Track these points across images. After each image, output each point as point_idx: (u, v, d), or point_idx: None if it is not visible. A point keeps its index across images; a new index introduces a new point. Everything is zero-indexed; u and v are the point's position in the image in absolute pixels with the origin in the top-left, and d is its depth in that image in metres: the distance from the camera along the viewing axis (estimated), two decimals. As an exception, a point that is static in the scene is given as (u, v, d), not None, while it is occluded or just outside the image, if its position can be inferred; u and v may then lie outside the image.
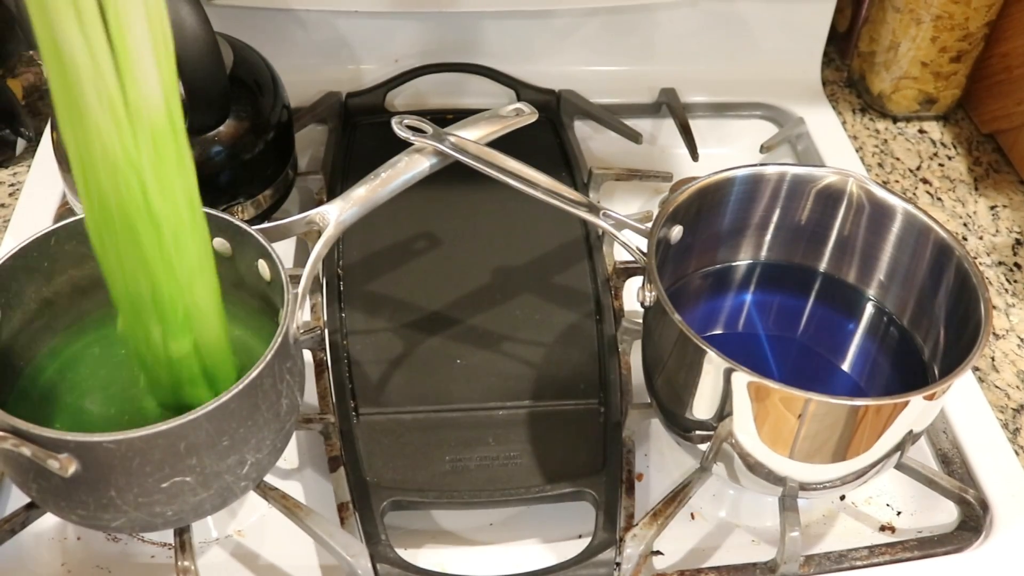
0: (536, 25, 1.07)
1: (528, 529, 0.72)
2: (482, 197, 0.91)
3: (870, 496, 0.76)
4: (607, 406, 0.76)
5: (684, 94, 1.07)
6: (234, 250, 0.68)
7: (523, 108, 0.77)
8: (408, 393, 0.76)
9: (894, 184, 1.03)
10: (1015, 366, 0.85)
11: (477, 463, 0.72)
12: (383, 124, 0.74)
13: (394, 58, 1.07)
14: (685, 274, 0.78)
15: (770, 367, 0.73)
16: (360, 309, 0.82)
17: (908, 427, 0.63)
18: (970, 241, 0.97)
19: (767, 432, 0.62)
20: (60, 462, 0.55)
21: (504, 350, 0.80)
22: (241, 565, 0.70)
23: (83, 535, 0.70)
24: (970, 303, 0.66)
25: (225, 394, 0.57)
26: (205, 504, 0.61)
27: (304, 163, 1.01)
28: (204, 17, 0.74)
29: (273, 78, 0.88)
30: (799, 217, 0.76)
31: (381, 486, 0.70)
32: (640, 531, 0.67)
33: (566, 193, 0.71)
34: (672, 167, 1.02)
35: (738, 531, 0.73)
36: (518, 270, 0.87)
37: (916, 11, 1.03)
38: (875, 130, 1.10)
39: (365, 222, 0.70)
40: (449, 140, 0.71)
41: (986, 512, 0.72)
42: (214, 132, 0.81)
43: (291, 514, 0.68)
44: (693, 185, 0.72)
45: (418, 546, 0.71)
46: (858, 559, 0.69)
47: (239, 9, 0.99)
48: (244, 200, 0.85)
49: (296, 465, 0.76)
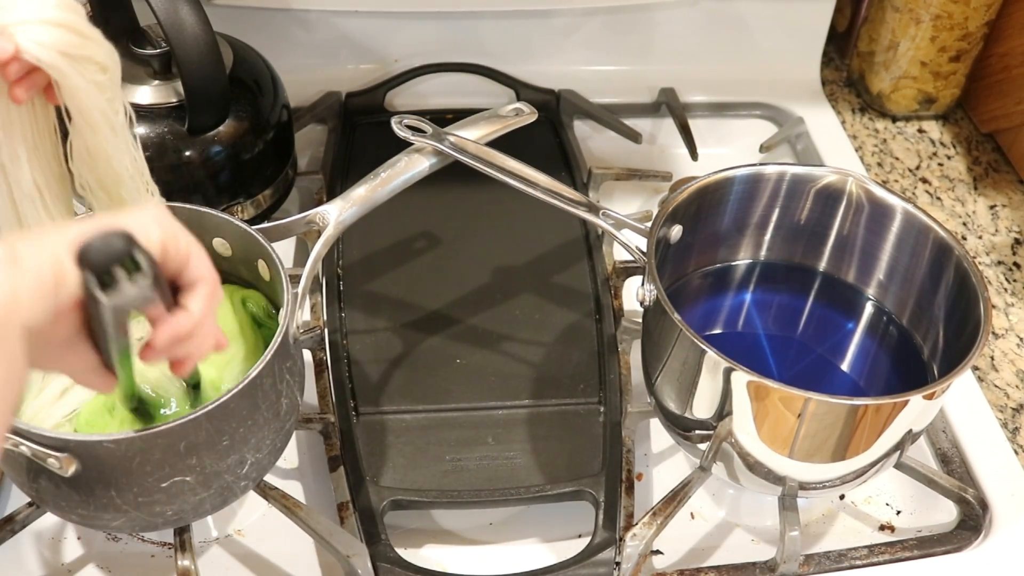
0: (536, 25, 1.07)
1: (528, 529, 0.72)
2: (482, 197, 0.91)
3: (870, 495, 0.76)
4: (607, 406, 0.76)
5: (684, 94, 1.07)
6: (234, 250, 0.69)
7: (523, 108, 0.77)
8: (408, 393, 0.76)
9: (893, 184, 1.03)
10: (1014, 365, 0.85)
11: (477, 463, 0.72)
12: (383, 124, 0.74)
13: (394, 58, 1.07)
14: (685, 274, 0.78)
15: (770, 366, 0.73)
16: (360, 309, 0.82)
17: (908, 426, 0.63)
18: (969, 240, 0.97)
19: (767, 431, 0.62)
20: (60, 462, 0.55)
21: (504, 350, 0.80)
22: (241, 565, 0.70)
23: (83, 535, 0.70)
24: (969, 302, 0.66)
25: (225, 394, 0.57)
26: (205, 504, 0.61)
27: (304, 163, 1.01)
28: (204, 17, 0.74)
29: (273, 78, 0.88)
30: (799, 217, 0.76)
31: (381, 486, 0.70)
32: (640, 531, 0.67)
33: (566, 193, 0.71)
34: (672, 167, 1.02)
35: (738, 531, 0.73)
36: (518, 270, 0.87)
37: (915, 11, 1.03)
38: (874, 130, 1.10)
39: (365, 222, 0.70)
40: (449, 140, 0.71)
41: (985, 511, 0.72)
42: (214, 132, 0.81)
43: (291, 514, 0.68)
44: (693, 185, 0.72)
45: (418, 546, 0.71)
46: (858, 558, 0.69)
47: (239, 9, 0.99)
48: (244, 200, 0.85)
49: (296, 465, 0.76)
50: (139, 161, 0.63)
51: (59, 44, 0.55)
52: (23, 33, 0.53)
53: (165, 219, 0.49)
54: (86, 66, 0.57)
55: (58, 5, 0.55)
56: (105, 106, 0.59)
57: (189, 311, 0.50)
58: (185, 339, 0.50)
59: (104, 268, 0.44)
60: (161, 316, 0.49)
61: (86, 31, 0.57)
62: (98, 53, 0.57)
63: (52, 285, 0.43)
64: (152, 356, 0.51)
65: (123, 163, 0.61)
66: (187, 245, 0.50)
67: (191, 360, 0.54)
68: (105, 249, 0.44)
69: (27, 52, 0.53)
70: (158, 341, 0.50)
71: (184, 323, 0.50)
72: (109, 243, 0.44)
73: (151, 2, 0.72)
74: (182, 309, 0.50)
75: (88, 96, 0.57)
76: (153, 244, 0.48)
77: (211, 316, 0.52)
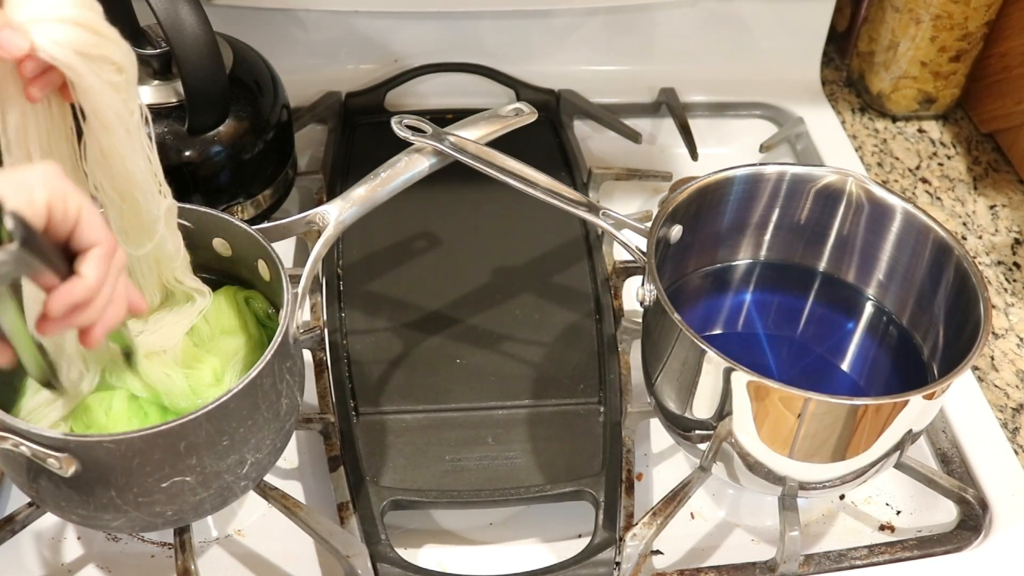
0: (536, 25, 1.07)
1: (528, 529, 0.72)
2: (482, 197, 0.91)
3: (869, 495, 0.76)
4: (607, 406, 0.76)
5: (684, 94, 1.07)
6: (234, 250, 0.69)
7: (523, 108, 0.77)
8: (408, 393, 0.76)
9: (893, 183, 1.03)
10: (1014, 365, 0.85)
11: (477, 463, 0.72)
12: (383, 124, 0.74)
13: (394, 58, 1.07)
14: (684, 274, 0.78)
15: (769, 366, 0.73)
16: (360, 309, 0.82)
17: (907, 426, 0.63)
18: (969, 240, 0.97)
19: (767, 431, 0.62)
20: (60, 462, 0.55)
21: (504, 350, 0.80)
22: (241, 565, 0.70)
23: (83, 535, 0.70)
24: (969, 302, 0.66)
25: (225, 394, 0.57)
26: (205, 504, 0.61)
27: (304, 163, 1.01)
28: (204, 17, 0.74)
29: (273, 78, 0.88)
30: (798, 217, 0.76)
31: (381, 486, 0.70)
32: (640, 530, 0.67)
33: (566, 193, 0.71)
34: (672, 167, 1.02)
35: (738, 531, 0.73)
36: (518, 270, 0.87)
37: (915, 11, 1.03)
38: (874, 129, 1.10)
39: (365, 222, 0.70)
40: (449, 140, 0.71)
41: (985, 511, 0.72)
42: (214, 132, 0.81)
43: (291, 514, 0.68)
44: (693, 185, 0.72)
45: (418, 546, 0.71)
46: (858, 558, 0.69)
47: (239, 9, 0.99)
48: (244, 200, 0.86)
49: (296, 465, 0.76)
50: (154, 162, 0.62)
51: (75, 43, 0.53)
52: (39, 30, 0.52)
53: (54, 179, 0.47)
54: (102, 66, 0.56)
55: (75, 3, 0.54)
56: (120, 107, 0.58)
57: (83, 276, 0.48)
58: (82, 306, 0.48)
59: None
60: (53, 283, 0.47)
61: (103, 30, 0.56)
62: (114, 53, 0.56)
63: None
64: (49, 327, 0.49)
65: (137, 164, 0.60)
66: (77, 207, 0.48)
67: (98, 329, 0.51)
68: None
69: (42, 50, 0.52)
70: (51, 310, 0.48)
71: (77, 289, 0.48)
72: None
73: (151, 2, 0.72)
74: (75, 275, 0.48)
75: (102, 96, 0.56)
76: (36, 206, 0.45)
77: (113, 280, 0.50)
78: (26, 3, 0.53)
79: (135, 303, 0.54)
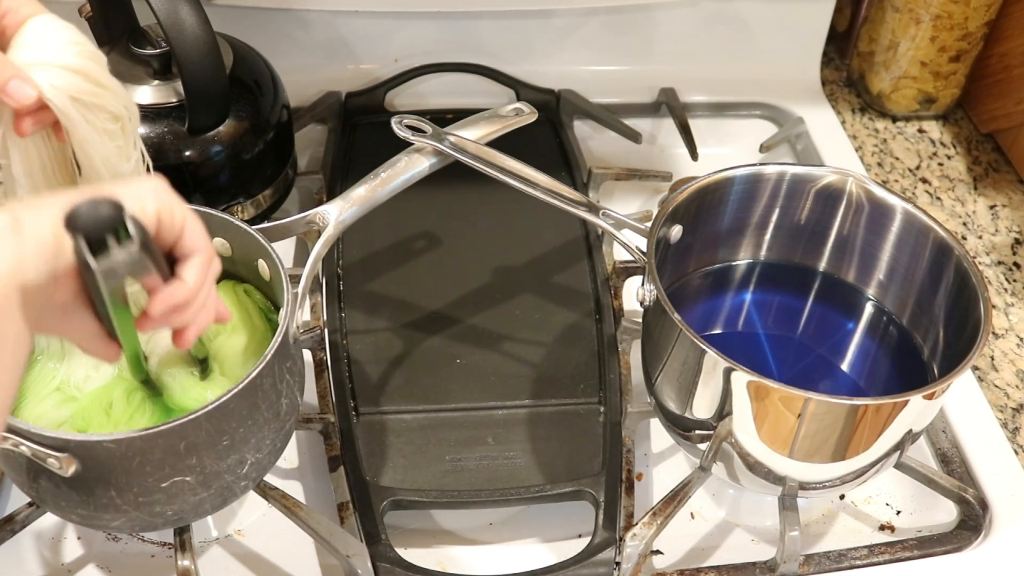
0: (536, 25, 1.07)
1: (528, 529, 0.72)
2: (482, 197, 0.91)
3: (870, 495, 0.76)
4: (607, 406, 0.76)
5: (684, 94, 1.07)
6: (234, 250, 0.69)
7: (523, 108, 0.77)
8: (408, 393, 0.76)
9: (893, 184, 1.03)
10: (1014, 365, 0.85)
11: (477, 463, 0.72)
12: (383, 124, 0.74)
13: (394, 58, 1.07)
14: (685, 274, 0.78)
15: (770, 366, 0.73)
16: (360, 309, 0.82)
17: (908, 426, 0.63)
18: (969, 240, 0.97)
19: (767, 431, 0.62)
20: (60, 462, 0.55)
21: (504, 350, 0.80)
22: (241, 565, 0.70)
23: (83, 535, 0.70)
24: (969, 302, 0.66)
25: (225, 394, 0.57)
26: (205, 504, 0.61)
27: (304, 163, 1.01)
28: (204, 17, 0.74)
29: (273, 78, 0.88)
30: (799, 217, 0.76)
31: (381, 486, 0.70)
32: (640, 530, 0.67)
33: (566, 193, 0.71)
34: (672, 167, 1.02)
35: (738, 531, 0.73)
36: (518, 270, 0.87)
37: (915, 11, 1.03)
38: (874, 129, 1.10)
39: (365, 222, 0.70)
40: (449, 140, 0.71)
41: (985, 511, 0.72)
42: (214, 132, 0.81)
43: (291, 514, 0.68)
44: (693, 185, 0.72)
45: (418, 546, 0.71)
46: (858, 558, 0.69)
47: (239, 9, 0.99)
48: (244, 200, 0.86)
49: (296, 465, 0.76)
50: None
51: (72, 90, 0.57)
52: (40, 74, 0.55)
53: (163, 191, 0.50)
54: (97, 114, 0.59)
55: (79, 53, 0.57)
56: (111, 153, 0.61)
57: (184, 281, 0.52)
58: (181, 308, 0.52)
59: (93, 234, 0.45)
60: (157, 285, 0.51)
61: (103, 80, 0.59)
62: (111, 103, 0.59)
63: (52, 250, 0.45)
64: (148, 324, 0.52)
65: None
66: (183, 218, 0.51)
67: (191, 331, 0.55)
68: (93, 215, 0.45)
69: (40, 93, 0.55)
70: (153, 310, 0.51)
71: (179, 292, 0.51)
72: (97, 209, 0.45)
73: (151, 2, 0.72)
74: (177, 279, 0.52)
75: (92, 143, 0.59)
76: (148, 214, 0.49)
77: (208, 288, 0.54)
78: (33, 47, 0.56)
79: (221, 312, 0.57)
